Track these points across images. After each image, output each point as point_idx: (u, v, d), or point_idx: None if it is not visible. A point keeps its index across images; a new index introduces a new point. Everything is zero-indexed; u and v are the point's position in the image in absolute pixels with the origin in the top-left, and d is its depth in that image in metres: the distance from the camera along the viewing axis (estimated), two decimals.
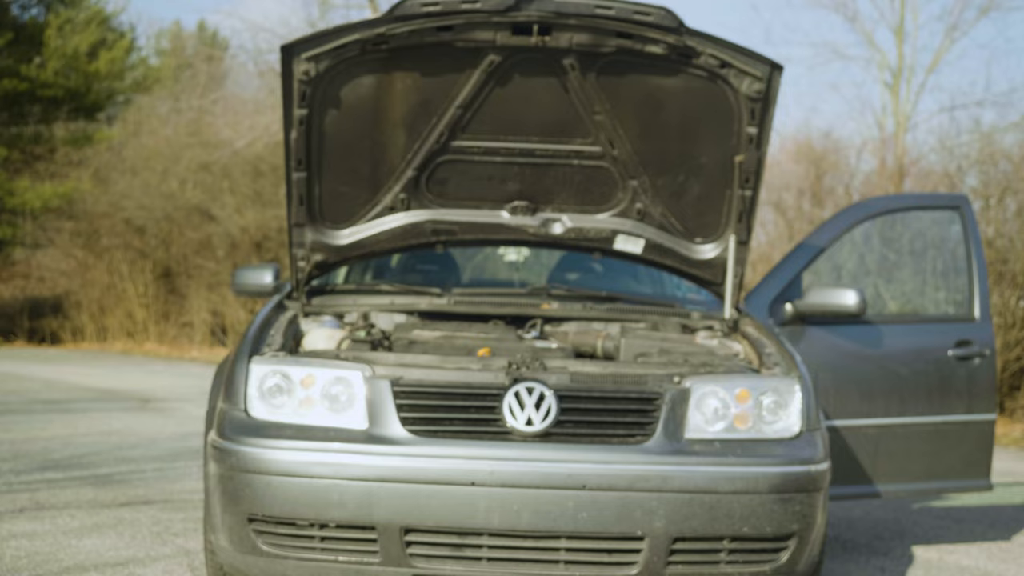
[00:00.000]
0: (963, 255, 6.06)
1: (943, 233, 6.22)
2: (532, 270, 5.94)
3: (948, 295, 6.20)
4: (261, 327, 4.52)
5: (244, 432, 3.98)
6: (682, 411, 4.00)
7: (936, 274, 6.29)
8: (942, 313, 6.19)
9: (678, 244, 5.04)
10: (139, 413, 12.92)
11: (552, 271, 5.91)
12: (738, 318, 5.01)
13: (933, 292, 6.30)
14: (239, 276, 5.73)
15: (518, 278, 5.90)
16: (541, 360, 4.12)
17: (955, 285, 6.13)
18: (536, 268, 5.97)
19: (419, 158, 4.76)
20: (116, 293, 31.98)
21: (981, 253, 5.99)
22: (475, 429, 3.92)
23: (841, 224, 5.93)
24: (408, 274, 5.82)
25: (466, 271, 5.90)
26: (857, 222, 5.95)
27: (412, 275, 5.81)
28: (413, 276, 5.79)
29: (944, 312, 6.19)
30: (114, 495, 7.02)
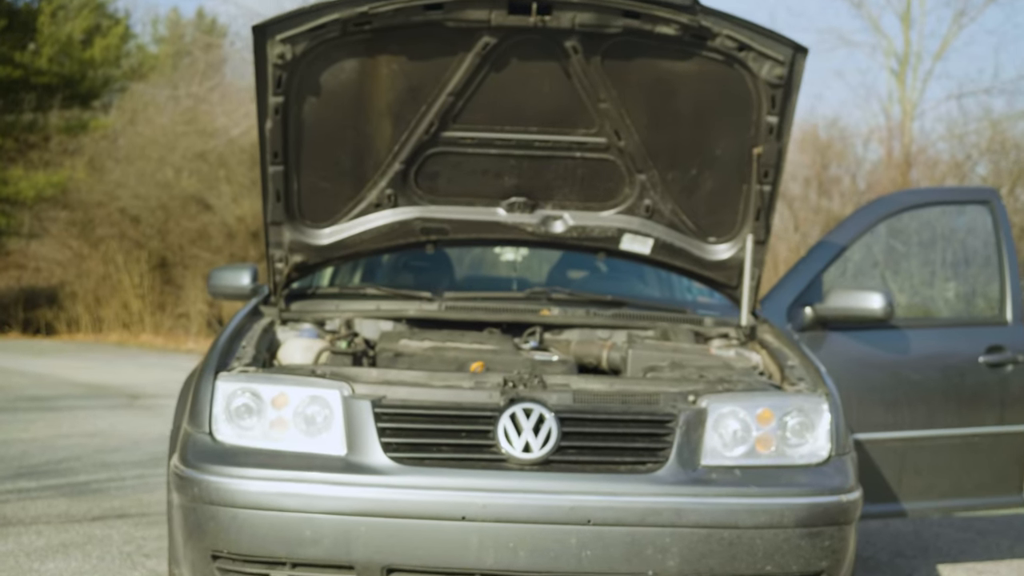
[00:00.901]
0: (993, 253, 5.63)
1: (970, 229, 5.78)
2: (531, 270, 5.52)
3: (976, 297, 5.77)
4: (232, 337, 4.10)
5: (208, 459, 3.56)
6: (698, 435, 3.58)
7: (961, 273, 5.85)
8: (971, 316, 5.75)
9: (690, 244, 4.62)
10: (126, 411, 12.52)
11: (552, 272, 5.49)
12: (755, 325, 4.58)
13: (959, 293, 5.87)
14: (214, 278, 5.31)
15: (516, 279, 5.47)
16: (540, 377, 3.70)
17: (984, 286, 5.70)
18: (535, 267, 5.54)
19: (407, 150, 4.34)
20: (112, 284, 31.63)
21: (1013, 251, 5.56)
22: (466, 456, 3.49)
23: (863, 221, 5.50)
24: (397, 275, 5.40)
25: (459, 271, 5.47)
26: (880, 219, 5.52)
27: (401, 276, 5.39)
28: (402, 278, 5.37)
29: (973, 315, 5.75)
30: (88, 507, 6.60)
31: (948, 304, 5.86)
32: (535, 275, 5.50)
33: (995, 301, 5.59)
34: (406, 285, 5.10)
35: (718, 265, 4.64)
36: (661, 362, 4.20)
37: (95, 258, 31.99)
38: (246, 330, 4.26)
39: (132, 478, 7.73)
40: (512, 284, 5.40)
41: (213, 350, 3.95)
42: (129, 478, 7.73)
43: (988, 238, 5.66)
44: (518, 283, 5.41)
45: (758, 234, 4.49)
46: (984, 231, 5.68)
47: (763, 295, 5.27)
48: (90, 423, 11.07)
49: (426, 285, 5.04)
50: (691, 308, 4.92)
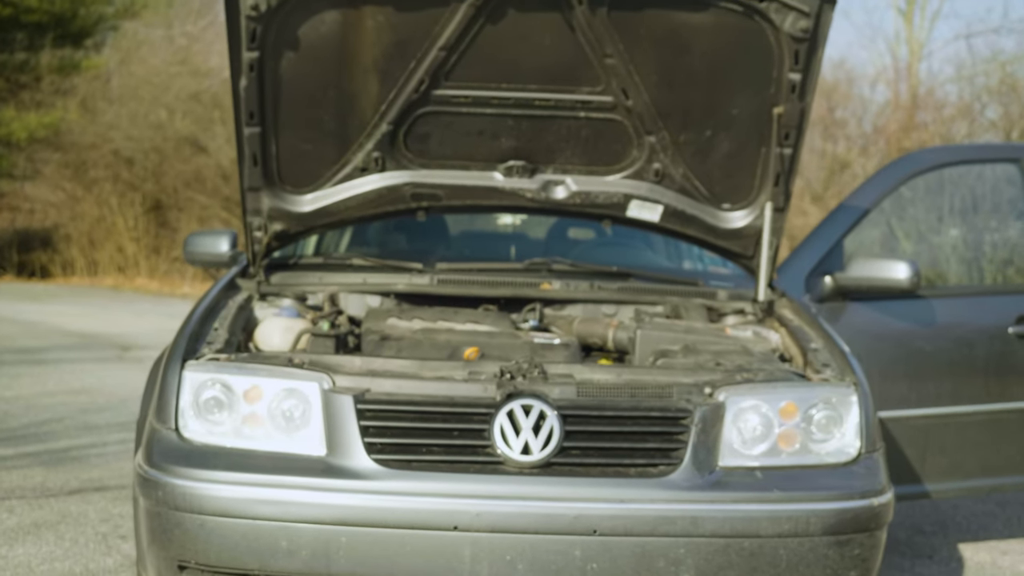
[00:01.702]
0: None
1: (998, 190, 5.41)
2: (529, 235, 5.14)
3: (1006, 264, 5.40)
4: (204, 316, 3.75)
5: (174, 459, 3.21)
6: (715, 432, 3.23)
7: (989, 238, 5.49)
8: (1000, 284, 5.38)
9: (702, 211, 4.26)
10: (115, 365, 12.19)
11: (553, 238, 5.12)
12: (773, 299, 4.23)
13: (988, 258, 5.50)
14: (191, 244, 4.94)
15: (513, 247, 5.10)
16: (541, 366, 3.34)
17: (1014, 251, 5.34)
18: (534, 231, 5.17)
19: (395, 110, 3.97)
20: (106, 226, 31.31)
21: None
22: (458, 459, 3.15)
23: (887, 181, 5.12)
24: (385, 243, 5.03)
25: (452, 239, 5.10)
26: (905, 178, 5.14)
27: (389, 245, 5.03)
28: (391, 246, 5.01)
29: (1002, 283, 5.39)
30: (65, 479, 6.29)
31: (974, 271, 5.49)
32: (534, 243, 5.13)
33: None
34: (395, 254, 4.74)
35: (733, 234, 4.28)
36: (672, 345, 3.85)
37: (89, 200, 31.64)
38: (220, 307, 3.91)
39: (115, 444, 7.42)
40: (509, 253, 5.04)
41: (182, 332, 3.60)
42: (111, 444, 7.42)
43: (1018, 200, 5.29)
44: (516, 252, 5.05)
45: (777, 201, 4.13)
46: (1014, 192, 5.31)
47: (779, 263, 4.91)
48: (77, 379, 10.75)
49: (416, 254, 4.68)
50: (703, 279, 4.55)
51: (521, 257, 5.04)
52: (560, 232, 5.15)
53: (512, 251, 5.09)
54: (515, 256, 5.06)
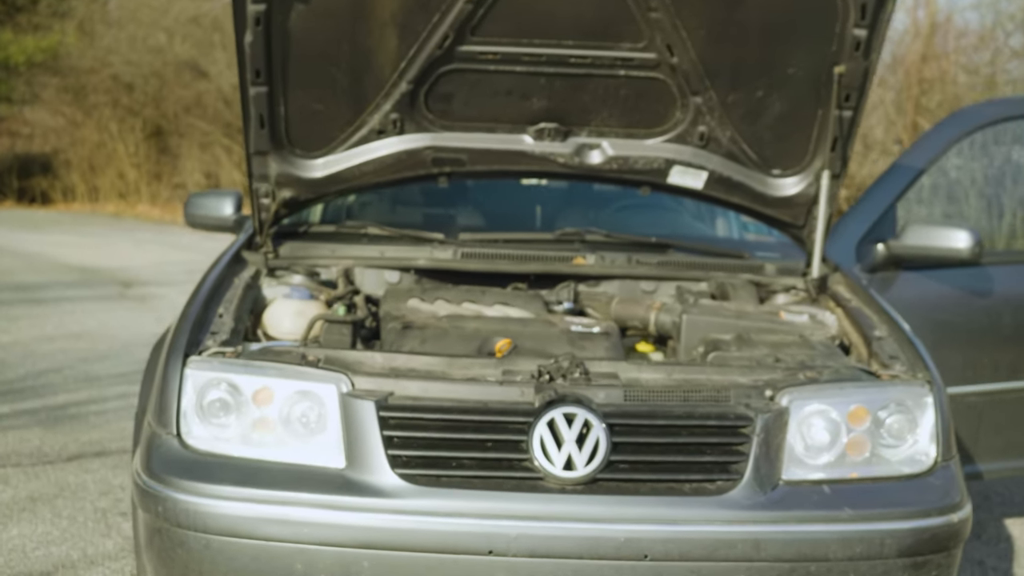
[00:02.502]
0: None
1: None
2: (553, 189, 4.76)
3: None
4: (207, 299, 3.40)
5: (176, 470, 2.88)
6: (778, 442, 2.90)
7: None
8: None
9: (750, 177, 3.90)
10: (117, 304, 11.87)
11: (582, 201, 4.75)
12: (826, 274, 3.88)
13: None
14: (192, 205, 4.59)
15: (541, 212, 4.74)
16: (583, 365, 2.99)
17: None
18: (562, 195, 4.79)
19: (416, 67, 3.60)
20: (106, 152, 30.92)
21: None
22: (493, 474, 2.81)
23: (942, 138, 4.74)
24: (402, 209, 4.66)
25: (475, 205, 4.72)
26: (963, 135, 4.75)
27: (407, 211, 4.66)
28: (408, 212, 4.64)
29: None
30: (63, 442, 5.99)
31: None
32: (559, 198, 4.75)
33: None
34: (413, 222, 4.38)
35: (783, 202, 3.93)
36: (723, 333, 3.51)
37: (89, 126, 31.23)
38: (225, 287, 3.56)
39: (114, 399, 7.11)
40: (536, 219, 4.68)
41: (183, 320, 3.25)
42: (111, 399, 7.11)
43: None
44: (543, 217, 4.68)
45: (833, 167, 3.77)
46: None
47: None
48: (77, 321, 10.43)
49: (437, 222, 4.33)
50: (748, 250, 4.20)
51: (548, 217, 4.69)
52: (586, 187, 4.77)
53: (538, 212, 4.73)
54: (541, 217, 4.70)
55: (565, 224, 4.46)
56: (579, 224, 4.46)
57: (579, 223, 4.52)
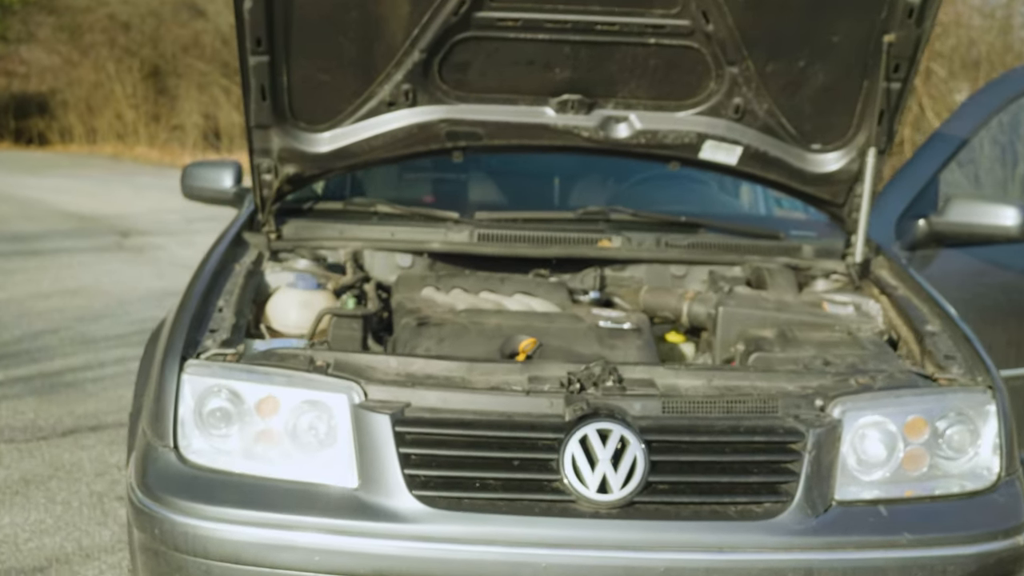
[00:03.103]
0: None
1: None
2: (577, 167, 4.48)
3: None
4: (205, 291, 3.13)
5: (174, 488, 2.64)
6: (831, 458, 2.65)
7: None
8: None
9: (788, 152, 3.63)
10: (114, 256, 11.62)
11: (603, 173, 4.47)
12: (869, 258, 3.63)
13: None
14: (189, 176, 4.33)
15: (559, 183, 4.46)
16: (616, 372, 2.73)
17: None
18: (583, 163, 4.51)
19: (429, 35, 3.32)
20: (104, 93, 30.57)
21: None
22: (520, 497, 2.56)
23: (988, 104, 4.45)
24: (411, 181, 4.39)
25: (490, 180, 4.43)
26: (1008, 100, 4.46)
27: (417, 184, 4.38)
28: (418, 186, 4.37)
29: None
30: (59, 414, 5.76)
31: None
32: (583, 176, 4.47)
33: None
34: (424, 197, 4.12)
35: (822, 179, 3.66)
36: (762, 326, 3.25)
37: (86, 66, 30.86)
38: (225, 275, 3.30)
39: (111, 364, 6.88)
40: (554, 191, 4.41)
41: (180, 316, 2.98)
42: (108, 364, 6.88)
43: None
44: (562, 189, 4.41)
45: (879, 142, 3.50)
46: None
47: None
48: (74, 275, 10.20)
49: (450, 199, 4.06)
50: (782, 229, 3.93)
51: (567, 189, 4.42)
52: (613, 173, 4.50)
53: (556, 183, 4.45)
54: (560, 189, 4.43)
55: (586, 197, 4.20)
56: (600, 198, 4.20)
57: (600, 196, 4.27)
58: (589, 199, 4.11)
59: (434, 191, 4.44)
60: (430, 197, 4.41)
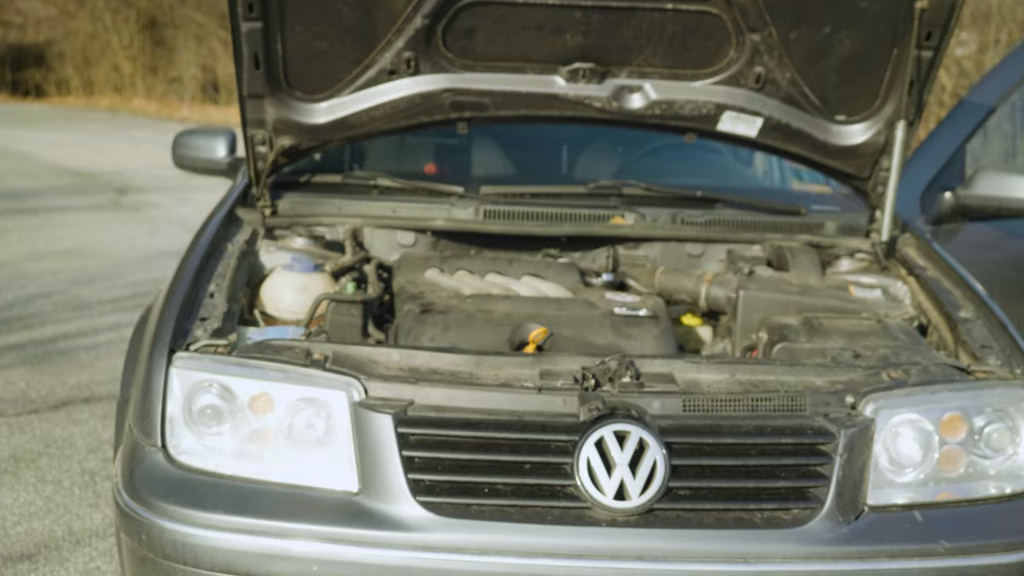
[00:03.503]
0: None
1: None
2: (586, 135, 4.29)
3: None
4: (196, 273, 2.96)
5: (162, 492, 2.47)
6: (863, 460, 2.48)
7: None
8: None
9: (811, 124, 3.44)
10: (110, 215, 11.44)
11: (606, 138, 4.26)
12: (895, 236, 3.45)
13: None
14: (180, 145, 4.15)
15: (568, 157, 4.26)
16: (633, 367, 2.55)
17: None
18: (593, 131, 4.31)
19: (432, 0, 3.09)
20: (100, 44, 30.24)
21: None
22: (531, 503, 2.39)
23: (1016, 70, 4.25)
24: (414, 153, 4.19)
25: (494, 150, 4.23)
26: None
27: (420, 156, 4.19)
28: (420, 156, 4.17)
29: None
30: (51, 385, 5.60)
31: None
32: (592, 143, 4.28)
33: None
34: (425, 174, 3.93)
35: (847, 151, 3.48)
36: (785, 312, 3.08)
37: (82, 16, 30.52)
38: (217, 256, 3.12)
39: (106, 330, 6.71)
40: (563, 164, 4.21)
41: (170, 300, 2.80)
42: (103, 330, 6.71)
43: None
44: (569, 158, 4.21)
45: (908, 113, 3.31)
46: None
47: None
48: (69, 234, 10.01)
49: (454, 171, 3.88)
50: (803, 203, 3.75)
51: (575, 157, 4.23)
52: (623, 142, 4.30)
53: (564, 152, 4.26)
54: (568, 157, 4.23)
55: (596, 168, 4.01)
56: (612, 168, 4.01)
57: (612, 165, 4.08)
58: (600, 170, 3.93)
59: (437, 162, 4.25)
60: (432, 164, 4.22)
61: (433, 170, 4.24)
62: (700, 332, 3.34)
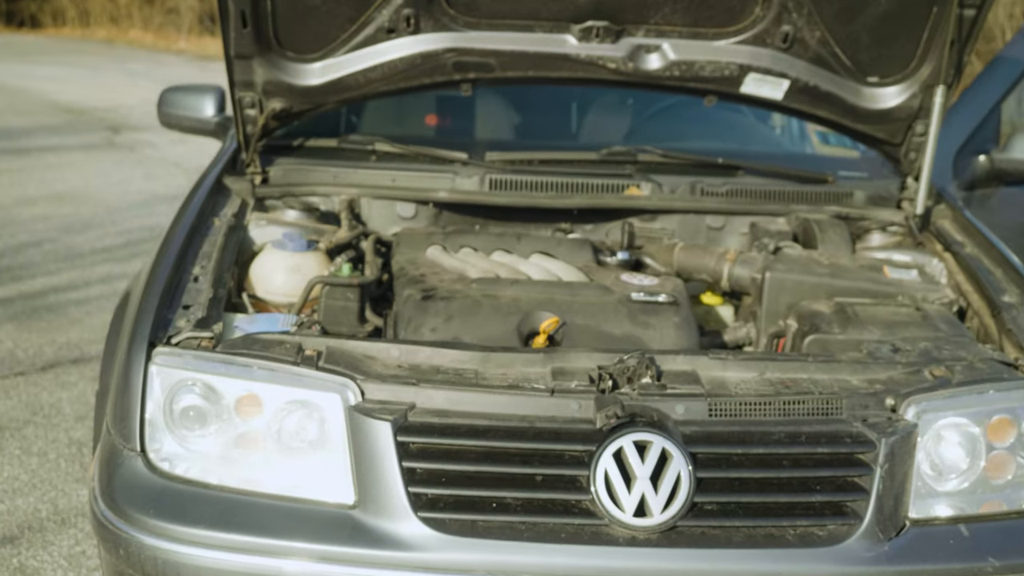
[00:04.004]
0: None
1: None
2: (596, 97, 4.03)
3: None
4: (180, 253, 2.73)
5: (142, 503, 2.27)
6: (904, 470, 2.27)
7: None
8: None
9: (841, 86, 3.21)
10: (104, 155, 11.19)
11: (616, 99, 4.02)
12: (931, 207, 3.23)
13: None
14: (166, 103, 3.90)
15: (578, 117, 4.01)
16: (655, 366, 2.33)
17: None
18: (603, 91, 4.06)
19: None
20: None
21: None
22: (544, 520, 2.18)
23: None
24: (412, 114, 3.94)
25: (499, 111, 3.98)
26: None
27: (419, 117, 3.94)
28: (421, 118, 3.93)
29: None
30: (39, 345, 5.40)
31: None
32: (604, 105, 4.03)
33: None
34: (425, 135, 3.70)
35: (879, 115, 3.24)
36: (815, 296, 2.86)
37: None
38: (202, 232, 2.89)
39: (97, 282, 6.51)
40: (572, 125, 3.96)
41: (150, 287, 2.58)
42: (94, 283, 6.51)
43: None
44: (579, 123, 3.97)
45: (947, 76, 3.07)
46: None
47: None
48: (61, 178, 9.78)
49: (457, 134, 3.64)
50: (829, 169, 3.52)
51: (586, 120, 3.99)
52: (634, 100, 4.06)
53: (574, 113, 4.01)
54: (577, 117, 3.99)
55: (607, 127, 3.78)
56: (623, 127, 3.77)
57: (624, 126, 3.84)
58: (612, 131, 3.69)
59: (439, 124, 4.01)
60: (432, 116, 3.99)
61: (435, 121, 4.00)
62: (721, 312, 3.13)
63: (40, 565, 3.49)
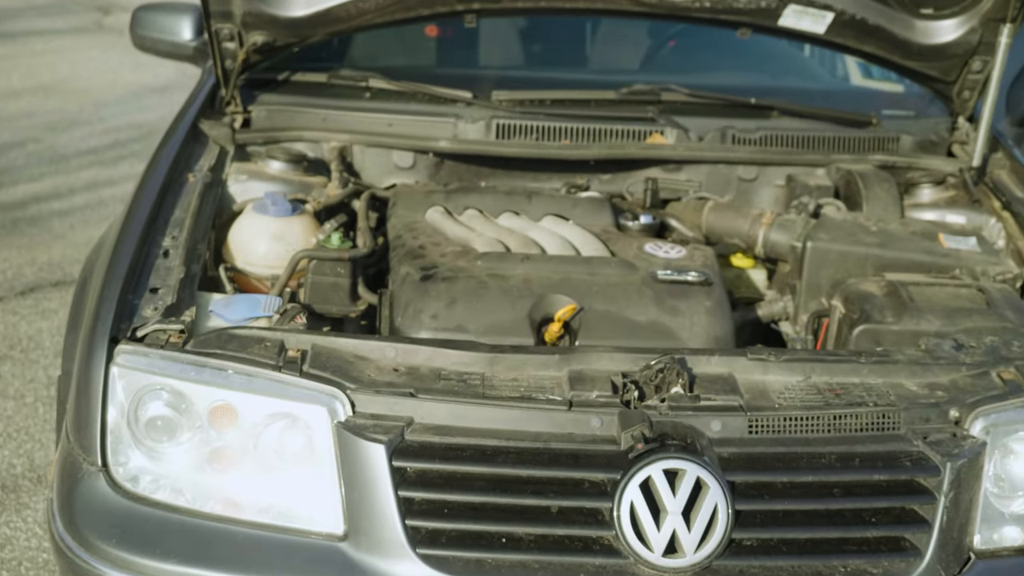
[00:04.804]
0: None
1: None
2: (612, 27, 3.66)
3: None
4: (147, 225, 2.41)
5: (104, 529, 2.00)
6: (971, 496, 1.99)
7: None
8: None
9: (891, 19, 2.87)
10: (93, 40, 10.71)
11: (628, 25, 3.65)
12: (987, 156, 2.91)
13: None
14: (139, 23, 3.55)
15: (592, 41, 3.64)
16: (687, 372, 2.03)
17: None
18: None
19: None
20: None
21: None
22: (561, 559, 1.90)
23: None
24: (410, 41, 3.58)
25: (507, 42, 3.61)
26: None
27: (418, 44, 3.58)
28: (420, 45, 3.56)
29: None
30: (19, 264, 5.14)
31: None
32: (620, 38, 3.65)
33: None
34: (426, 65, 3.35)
35: (932, 51, 2.91)
36: (862, 269, 2.55)
37: None
38: (175, 193, 2.57)
39: (82, 189, 6.21)
40: (585, 49, 3.60)
41: (114, 267, 2.26)
42: (79, 190, 6.20)
43: None
44: (594, 48, 3.61)
45: (1012, 9, 2.73)
46: None
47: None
48: (48, 65, 9.34)
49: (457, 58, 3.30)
50: (872, 108, 3.18)
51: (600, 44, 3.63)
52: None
53: (587, 32, 3.64)
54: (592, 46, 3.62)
55: (626, 54, 3.42)
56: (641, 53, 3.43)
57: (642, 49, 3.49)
58: (630, 59, 3.34)
59: (440, 35, 3.65)
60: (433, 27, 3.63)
61: (435, 32, 3.64)
62: (752, 276, 2.82)
63: (13, 533, 3.26)
